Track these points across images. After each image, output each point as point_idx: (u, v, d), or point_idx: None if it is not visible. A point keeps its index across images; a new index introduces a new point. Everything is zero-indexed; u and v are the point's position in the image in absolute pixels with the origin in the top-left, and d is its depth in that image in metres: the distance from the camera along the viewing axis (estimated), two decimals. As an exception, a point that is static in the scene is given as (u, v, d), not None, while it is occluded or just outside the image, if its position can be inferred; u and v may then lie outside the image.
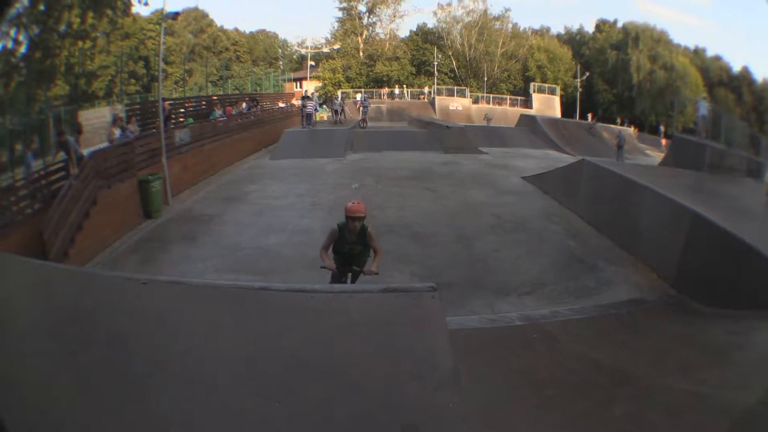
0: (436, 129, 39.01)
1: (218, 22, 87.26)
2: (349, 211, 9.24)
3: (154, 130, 23.01)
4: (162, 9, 25.17)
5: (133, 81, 63.51)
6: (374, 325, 5.84)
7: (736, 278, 11.33)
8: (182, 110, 31.91)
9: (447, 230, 16.23)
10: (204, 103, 36.35)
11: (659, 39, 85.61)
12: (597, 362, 8.68)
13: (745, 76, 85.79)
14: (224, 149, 28.94)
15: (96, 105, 43.37)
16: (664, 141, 60.44)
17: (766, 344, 9.37)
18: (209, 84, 61.90)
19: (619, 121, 72.83)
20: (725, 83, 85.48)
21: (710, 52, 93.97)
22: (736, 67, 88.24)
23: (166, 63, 65.07)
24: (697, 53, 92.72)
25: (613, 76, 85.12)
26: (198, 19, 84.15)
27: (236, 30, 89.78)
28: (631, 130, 63.88)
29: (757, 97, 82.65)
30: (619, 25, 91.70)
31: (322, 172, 25.70)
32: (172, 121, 26.70)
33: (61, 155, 18.54)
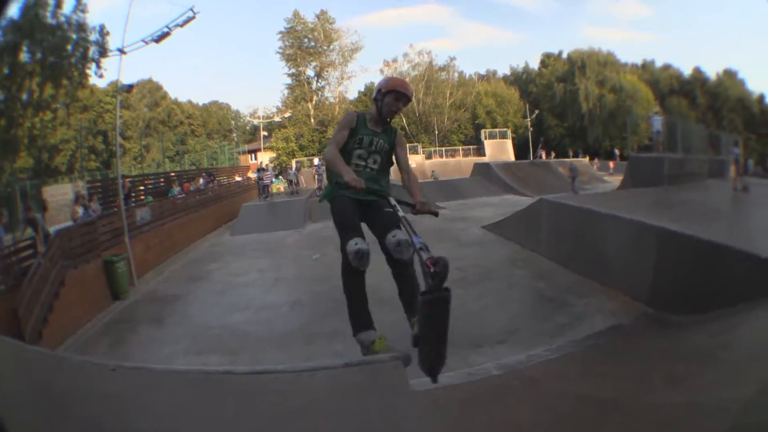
0: (393, 188, 38.36)
1: (172, 95, 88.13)
2: (392, 85, 5.93)
3: (116, 209, 22.82)
4: (117, 80, 25.18)
5: (93, 156, 64.32)
6: (338, 403, 5.78)
7: (711, 280, 11.44)
8: (142, 188, 31.94)
9: None
10: (162, 180, 36.41)
11: (605, 62, 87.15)
12: (581, 396, 8.51)
13: (698, 77, 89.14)
14: (184, 227, 28.89)
15: (59, 180, 43.48)
16: (611, 164, 63.00)
17: (751, 336, 9.45)
18: (166, 160, 61.99)
19: (571, 153, 74.29)
20: (677, 90, 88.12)
21: (659, 62, 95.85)
22: (688, 71, 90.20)
23: (124, 138, 65.92)
24: (646, 67, 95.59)
25: (563, 109, 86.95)
26: (152, 91, 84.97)
27: (190, 102, 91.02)
28: (586, 160, 65.00)
29: (711, 96, 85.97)
30: (564, 55, 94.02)
31: (282, 246, 25.68)
32: (132, 199, 26.66)
33: (29, 232, 18.86)
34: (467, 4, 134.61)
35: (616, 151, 77.33)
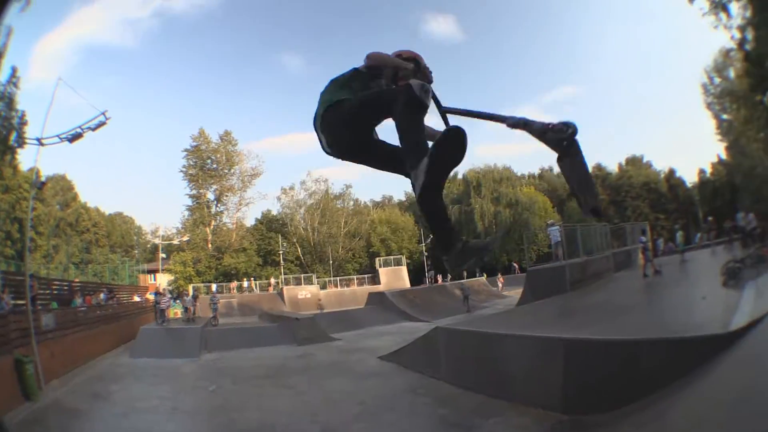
0: (287, 321, 39.37)
1: (82, 197, 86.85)
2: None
3: (24, 307, 22.47)
4: (35, 168, 25.16)
5: (9, 243, 62.00)
6: None
7: (630, 374, 11.68)
8: (47, 292, 31.30)
9: (310, 426, 15.73)
10: (66, 287, 35.79)
11: (501, 178, 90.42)
12: None
13: (598, 174, 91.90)
14: (86, 341, 28.24)
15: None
16: (500, 279, 64.10)
17: (686, 419, 9.30)
18: (72, 266, 60.93)
19: (465, 273, 74.81)
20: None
21: (557, 169, 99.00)
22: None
23: (36, 232, 64.20)
24: (543, 176, 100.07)
25: (458, 229, 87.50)
26: (65, 190, 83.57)
27: (97, 210, 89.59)
28: (483, 278, 65.33)
29: (613, 190, 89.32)
30: (460, 176, 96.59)
31: (179, 374, 25.29)
32: (39, 301, 26.10)
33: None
34: None
35: (515, 265, 79.26)
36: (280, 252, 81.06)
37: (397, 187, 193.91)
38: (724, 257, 26.66)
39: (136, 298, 51.74)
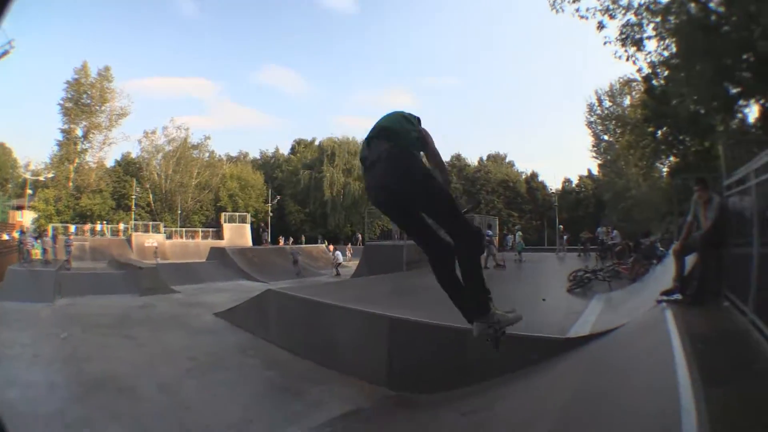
0: (132, 270, 39.44)
1: None
2: None
3: None
4: None
5: None
6: None
7: (457, 359, 11.96)
8: None
9: (149, 379, 15.91)
10: None
11: (356, 151, 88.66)
12: None
13: (456, 163, 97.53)
14: None
15: None
16: (349, 249, 64.76)
17: (510, 413, 9.48)
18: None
19: (303, 239, 77.03)
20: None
21: None
22: (445, 158, 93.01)
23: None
24: None
25: (306, 195, 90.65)
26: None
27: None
28: (324, 245, 66.71)
29: (469, 181, 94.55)
30: (317, 143, 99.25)
31: (37, 318, 25.37)
32: None
33: None
34: (236, 84, 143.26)
35: (359, 236, 79.42)
36: (133, 197, 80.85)
37: (253, 144, 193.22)
38: (572, 264, 28.17)
39: (5, 237, 51.31)
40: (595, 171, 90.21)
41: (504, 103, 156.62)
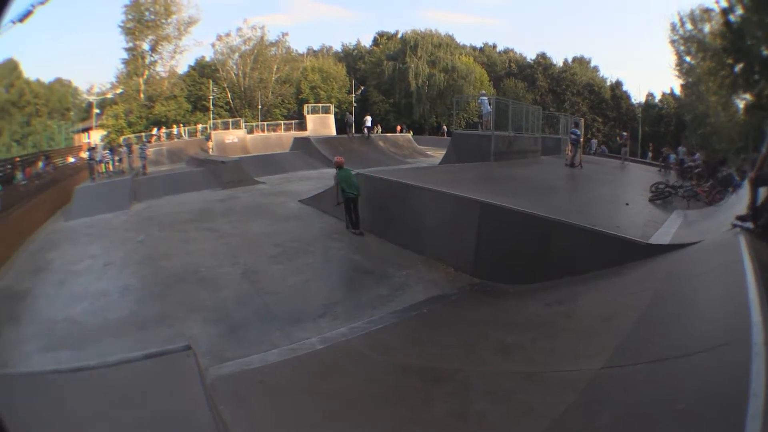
0: (213, 165, 39.12)
1: (27, 73, 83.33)
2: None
3: None
4: None
5: None
6: (132, 398, 5.98)
7: (542, 252, 12.31)
8: None
9: (232, 269, 16.09)
10: (9, 166, 34.54)
11: (440, 43, 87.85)
12: (405, 367, 8.81)
13: (541, 62, 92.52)
14: (28, 215, 27.56)
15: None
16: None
17: (597, 307, 9.67)
18: (14, 143, 60.06)
19: (398, 129, 74.70)
20: (514, 73, 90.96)
21: (502, 47, 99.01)
22: (531, 56, 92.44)
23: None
24: (485, 51, 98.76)
25: (390, 86, 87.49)
26: (10, 71, 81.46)
27: (39, 81, 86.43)
28: (409, 134, 64.86)
29: (554, 80, 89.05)
30: (400, 36, 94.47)
31: (110, 228, 24.98)
32: None
33: None
34: None
35: (444, 127, 78.31)
36: (210, 97, 79.95)
37: (334, 39, 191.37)
38: (651, 177, 27.07)
39: (71, 159, 50.82)
40: (678, 91, 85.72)
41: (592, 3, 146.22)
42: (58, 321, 13.53)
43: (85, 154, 49.57)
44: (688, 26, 72.08)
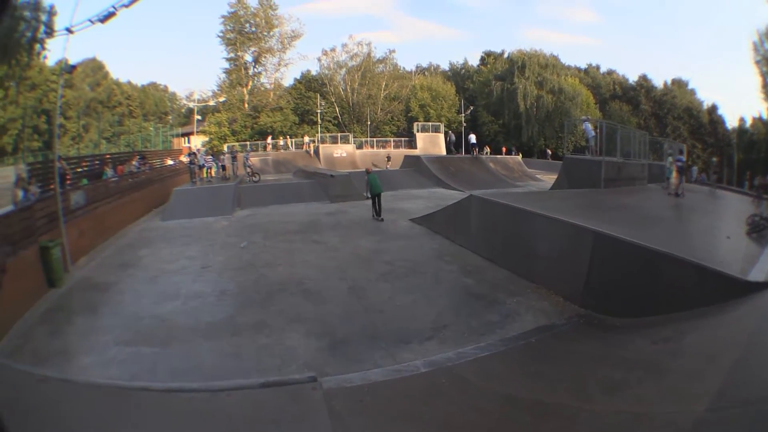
0: (322, 178, 39.07)
1: (114, 75, 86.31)
2: None
3: (53, 192, 21.74)
4: (63, 59, 24.46)
5: (36, 137, 62.83)
6: (254, 428, 5.74)
7: (651, 285, 11.68)
8: (78, 170, 30.74)
9: (339, 283, 15.88)
10: (97, 162, 35.13)
11: (547, 64, 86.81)
12: (512, 398, 8.47)
13: (643, 84, 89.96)
14: (117, 211, 28.03)
15: (4, 161, 42.49)
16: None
17: (701, 346, 9.37)
18: (103, 141, 60.90)
19: (503, 150, 73.38)
20: (619, 96, 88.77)
21: (604, 68, 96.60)
22: (634, 78, 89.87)
23: (65, 117, 64.62)
24: (589, 72, 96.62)
25: (499, 106, 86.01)
26: (95, 70, 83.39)
27: (129, 83, 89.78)
28: (519, 157, 63.23)
29: (656, 103, 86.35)
30: (506, 56, 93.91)
31: (210, 232, 25.31)
32: (68, 181, 25.73)
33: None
34: None
35: (548, 151, 78.09)
36: (318, 111, 79.75)
37: (439, 56, 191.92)
38: (746, 208, 25.55)
39: (170, 162, 51.33)
40: (765, 114, 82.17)
41: (688, 24, 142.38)
42: (143, 317, 13.54)
43: (185, 158, 50.61)
44: (767, 45, 69.33)
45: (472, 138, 53.18)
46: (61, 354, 11.61)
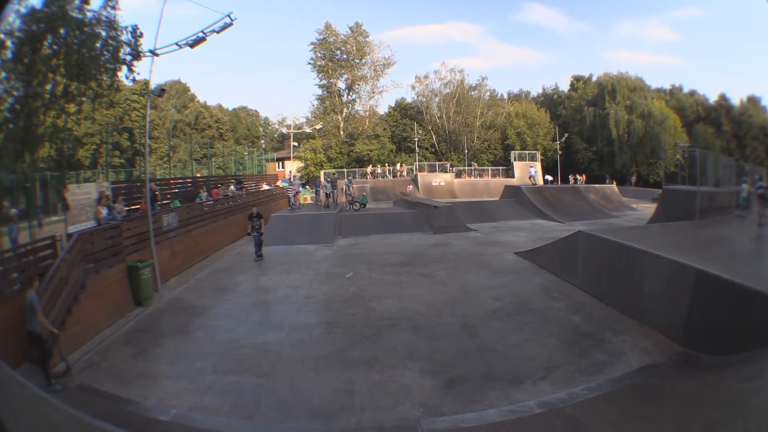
0: (424, 209, 38.73)
1: (200, 98, 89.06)
2: None
3: (140, 213, 22.49)
4: (147, 80, 24.67)
5: (116, 153, 64.36)
6: None
7: (743, 323, 11.46)
8: (168, 193, 30.81)
9: (450, 319, 15.68)
10: (189, 182, 35.58)
11: (634, 87, 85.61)
12: None
13: (723, 104, 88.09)
14: (212, 234, 28.48)
15: (82, 174, 43.24)
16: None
17: None
18: (193, 161, 61.80)
19: (584, 178, 73.13)
20: (702, 118, 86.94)
21: (686, 88, 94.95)
22: (713, 97, 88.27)
23: (151, 138, 65.52)
24: (673, 93, 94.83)
25: (592, 133, 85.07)
26: (180, 93, 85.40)
27: (219, 106, 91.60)
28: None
29: (735, 124, 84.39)
30: (594, 79, 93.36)
31: (312, 260, 25.22)
32: (159, 201, 26.07)
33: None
34: (495, 23, 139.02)
35: (633, 178, 77.63)
36: (416, 139, 80.00)
37: (529, 82, 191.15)
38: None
39: (265, 186, 50.98)
40: None
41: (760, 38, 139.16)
42: (243, 345, 13.65)
43: (282, 184, 51.34)
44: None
45: (532, 170, 54.01)
46: (145, 376, 11.71)
